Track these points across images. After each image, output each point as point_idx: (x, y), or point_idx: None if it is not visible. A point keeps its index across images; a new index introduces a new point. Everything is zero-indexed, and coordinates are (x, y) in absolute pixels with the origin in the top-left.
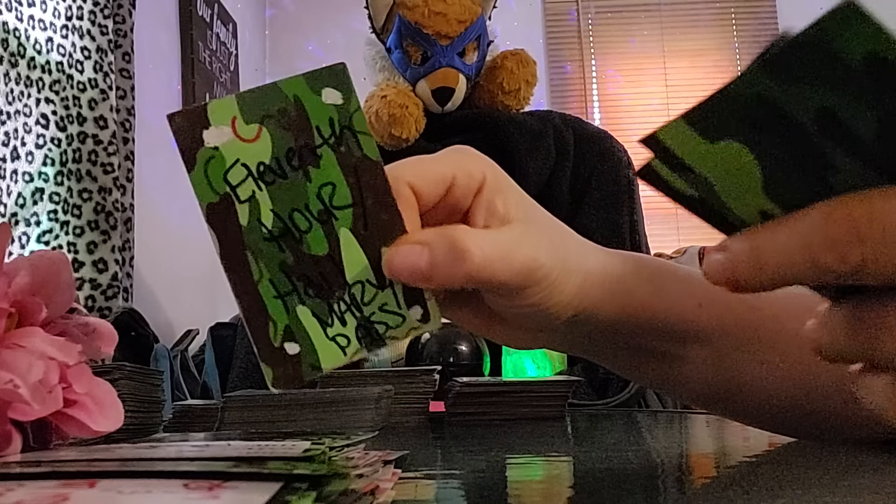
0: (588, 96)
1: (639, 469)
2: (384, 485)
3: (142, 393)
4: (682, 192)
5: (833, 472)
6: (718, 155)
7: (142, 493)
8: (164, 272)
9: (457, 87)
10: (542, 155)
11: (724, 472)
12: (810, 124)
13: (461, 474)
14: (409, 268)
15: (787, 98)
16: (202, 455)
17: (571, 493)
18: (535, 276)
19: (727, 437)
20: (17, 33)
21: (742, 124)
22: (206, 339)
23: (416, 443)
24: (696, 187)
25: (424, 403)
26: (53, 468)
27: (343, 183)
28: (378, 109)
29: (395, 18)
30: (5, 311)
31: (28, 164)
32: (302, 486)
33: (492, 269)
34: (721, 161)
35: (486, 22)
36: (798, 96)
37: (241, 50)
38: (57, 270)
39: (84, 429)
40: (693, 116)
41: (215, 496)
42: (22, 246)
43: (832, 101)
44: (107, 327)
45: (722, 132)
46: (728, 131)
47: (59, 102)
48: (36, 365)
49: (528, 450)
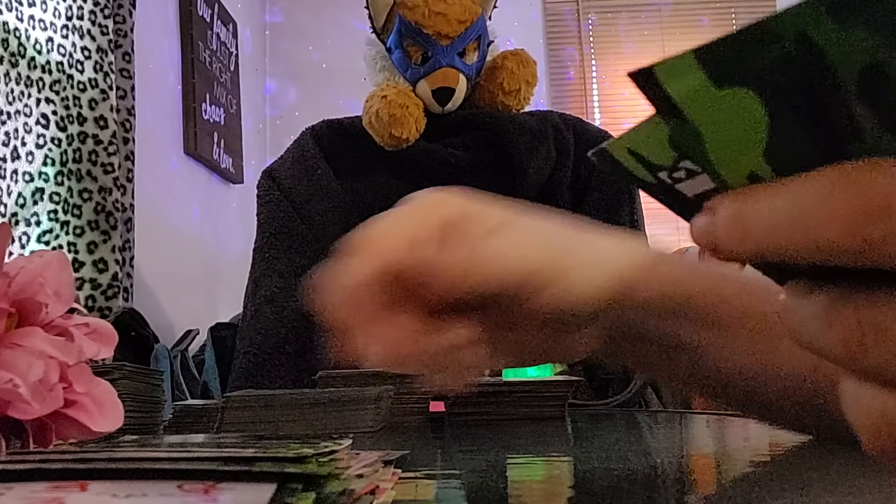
0: (588, 96)
1: (639, 469)
2: (384, 485)
3: (142, 393)
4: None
5: (833, 472)
6: (721, 103)
7: (137, 497)
8: (164, 272)
9: (457, 88)
10: (542, 155)
11: (724, 472)
12: (851, 79)
13: (461, 474)
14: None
15: (836, 43)
16: (192, 455)
17: (571, 493)
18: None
19: (727, 437)
20: (17, 33)
21: (766, 69)
22: (206, 339)
23: (416, 443)
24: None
25: (424, 403)
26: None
27: None
28: (378, 109)
29: (395, 18)
30: (5, 311)
31: (28, 164)
32: (297, 486)
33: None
34: (721, 111)
35: (486, 22)
36: (850, 43)
37: (241, 50)
38: (57, 270)
39: (84, 429)
40: (708, 53)
41: (213, 499)
42: (22, 246)
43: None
44: (107, 327)
45: (736, 77)
46: (743, 76)
47: (60, 102)
48: (36, 365)
49: (528, 450)
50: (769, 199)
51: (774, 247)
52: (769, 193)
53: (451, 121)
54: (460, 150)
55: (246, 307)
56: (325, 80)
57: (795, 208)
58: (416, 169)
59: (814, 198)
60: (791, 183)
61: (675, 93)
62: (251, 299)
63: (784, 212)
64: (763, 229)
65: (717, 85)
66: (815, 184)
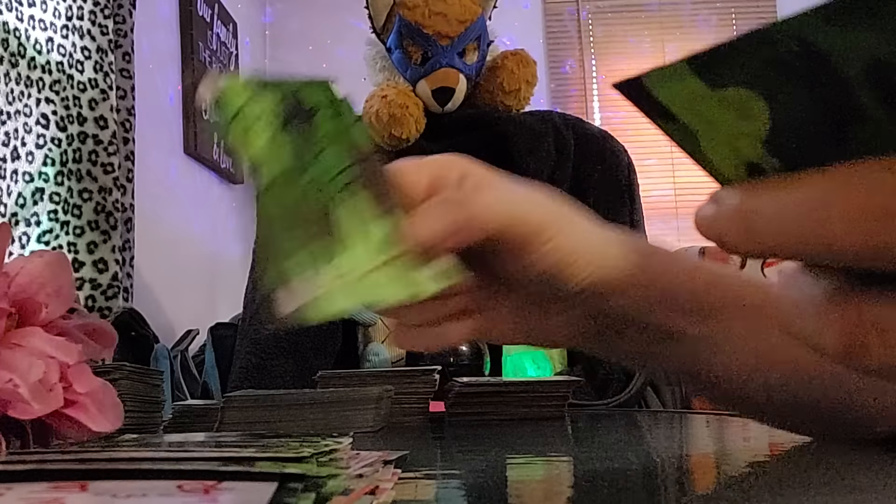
0: (588, 96)
1: (639, 469)
2: (384, 485)
3: (142, 393)
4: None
5: (833, 472)
6: (718, 103)
7: (137, 497)
8: (164, 272)
9: (457, 87)
10: (542, 155)
11: (724, 472)
12: (857, 75)
13: (461, 474)
14: (432, 228)
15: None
16: (192, 455)
17: (571, 493)
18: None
19: (727, 437)
20: (17, 33)
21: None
22: (206, 339)
23: (416, 443)
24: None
25: (424, 403)
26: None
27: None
28: (378, 109)
29: (395, 18)
30: (5, 311)
31: (28, 164)
32: (297, 486)
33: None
34: (718, 110)
35: (486, 22)
36: (853, 43)
37: (241, 50)
38: (57, 270)
39: (84, 429)
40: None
41: (213, 499)
42: (22, 246)
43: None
44: (107, 327)
45: (733, 78)
46: (742, 78)
47: (60, 102)
48: (36, 365)
49: (528, 450)
50: (775, 197)
51: (781, 246)
52: (775, 190)
53: (451, 121)
54: (460, 150)
55: (246, 307)
56: None
57: (804, 208)
58: None
59: (823, 198)
60: (798, 181)
61: (667, 98)
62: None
63: (791, 211)
64: (770, 228)
65: (713, 87)
66: (824, 183)
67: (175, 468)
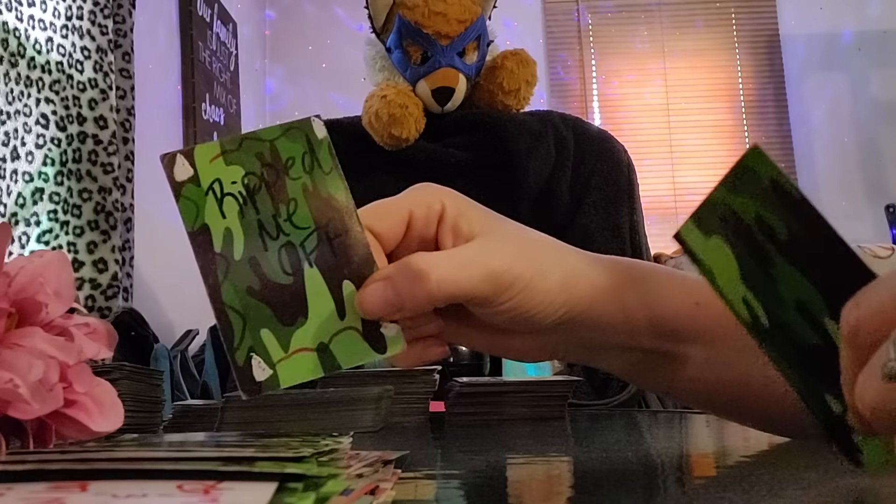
0: (588, 96)
1: (639, 469)
2: (384, 485)
3: (142, 393)
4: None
5: (833, 472)
6: (712, 248)
7: (137, 497)
8: (164, 272)
9: (457, 87)
10: (542, 155)
11: (723, 472)
12: (753, 225)
13: (461, 474)
14: (380, 303)
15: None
16: (192, 455)
17: (571, 493)
18: (503, 281)
19: (727, 437)
20: (17, 33)
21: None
22: (206, 339)
23: (416, 443)
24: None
25: (424, 403)
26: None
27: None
28: (378, 109)
29: (395, 18)
30: (5, 311)
31: (28, 164)
32: (297, 486)
33: (453, 282)
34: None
35: (485, 22)
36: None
37: (241, 50)
38: (57, 270)
39: (84, 429)
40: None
41: (213, 499)
42: (22, 246)
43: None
44: (107, 327)
45: (712, 229)
46: (715, 228)
47: (59, 102)
48: (36, 365)
49: (528, 450)
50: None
51: None
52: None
53: (451, 121)
54: (460, 150)
55: None
56: (324, 79)
57: None
58: (416, 169)
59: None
60: None
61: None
62: None
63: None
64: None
65: (706, 235)
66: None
67: (175, 468)
